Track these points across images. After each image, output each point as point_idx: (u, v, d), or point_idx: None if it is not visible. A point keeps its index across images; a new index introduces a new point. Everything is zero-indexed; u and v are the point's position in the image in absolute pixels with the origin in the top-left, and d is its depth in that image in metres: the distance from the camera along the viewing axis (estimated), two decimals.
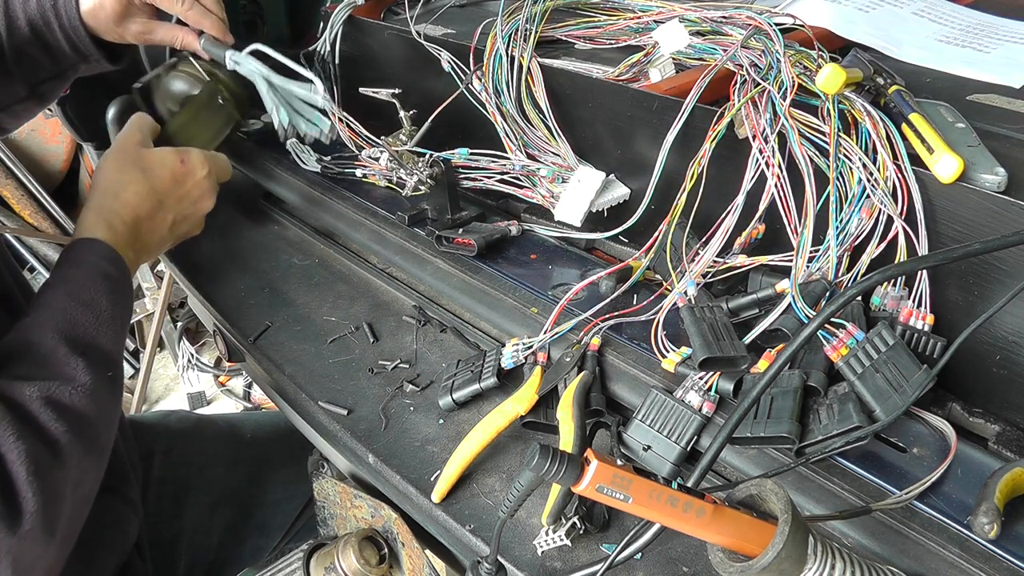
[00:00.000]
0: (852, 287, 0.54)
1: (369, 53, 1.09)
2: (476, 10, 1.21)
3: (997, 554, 0.53)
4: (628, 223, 0.80)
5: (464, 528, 0.64)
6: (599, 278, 0.78)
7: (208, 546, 1.06)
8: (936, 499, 0.56)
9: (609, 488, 0.44)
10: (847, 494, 0.58)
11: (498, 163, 0.89)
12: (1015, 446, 0.60)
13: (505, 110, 0.88)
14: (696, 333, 0.65)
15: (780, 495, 0.45)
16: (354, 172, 1.01)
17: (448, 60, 0.93)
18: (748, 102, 0.73)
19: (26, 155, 2.44)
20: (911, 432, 0.61)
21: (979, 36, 1.03)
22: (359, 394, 0.78)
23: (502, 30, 0.89)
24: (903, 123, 0.71)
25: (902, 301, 0.66)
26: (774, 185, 0.70)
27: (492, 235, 0.86)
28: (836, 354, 0.61)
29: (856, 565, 0.47)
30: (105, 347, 0.73)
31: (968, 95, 0.89)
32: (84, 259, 0.77)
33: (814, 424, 0.60)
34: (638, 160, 0.84)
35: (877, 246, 0.68)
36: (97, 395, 0.69)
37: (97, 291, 0.74)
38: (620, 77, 0.91)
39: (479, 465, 0.69)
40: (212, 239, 1.03)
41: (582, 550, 0.62)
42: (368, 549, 0.77)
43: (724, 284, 0.75)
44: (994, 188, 0.65)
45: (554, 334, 0.73)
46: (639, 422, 0.65)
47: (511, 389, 0.71)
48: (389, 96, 0.93)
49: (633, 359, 0.71)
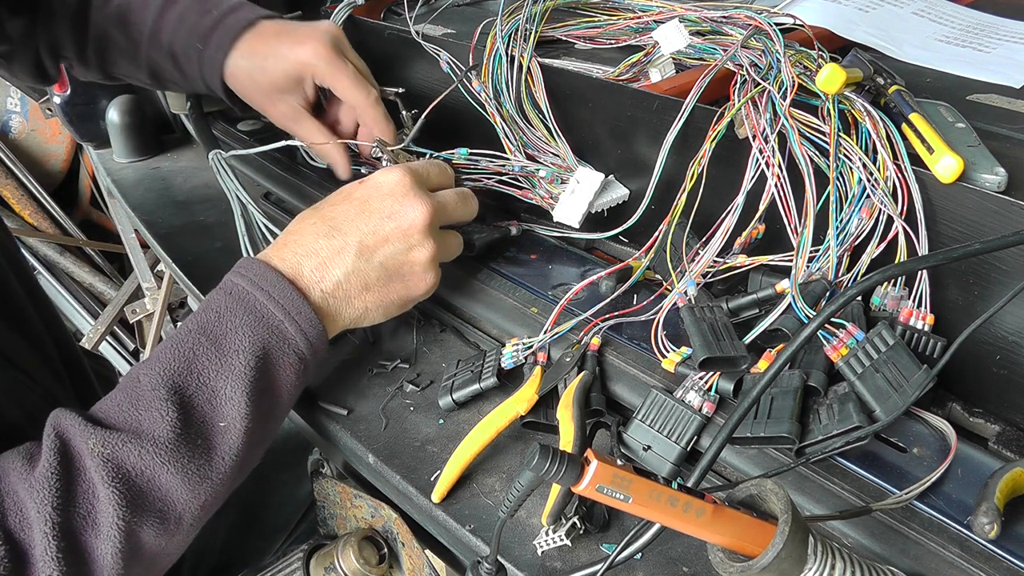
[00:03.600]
0: (852, 287, 0.54)
1: (369, 53, 1.08)
2: (476, 10, 1.21)
3: (997, 554, 0.53)
4: (628, 223, 0.80)
5: (464, 528, 0.64)
6: (599, 278, 0.78)
7: (212, 547, 1.06)
8: (936, 499, 0.56)
9: (609, 488, 0.44)
10: (847, 494, 0.58)
11: (496, 163, 0.89)
12: (1015, 446, 0.60)
13: (504, 110, 0.88)
14: (696, 333, 0.65)
15: (780, 495, 0.45)
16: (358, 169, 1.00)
17: (447, 60, 0.93)
18: (748, 102, 0.73)
19: (26, 155, 2.44)
20: (911, 432, 0.61)
21: (979, 36, 1.03)
22: (359, 394, 0.78)
23: (502, 30, 0.89)
24: (903, 123, 0.71)
25: (902, 301, 0.67)
26: (774, 185, 0.70)
27: (492, 236, 0.86)
28: (836, 354, 0.61)
29: (856, 565, 0.47)
30: (219, 403, 0.60)
31: (968, 95, 0.89)
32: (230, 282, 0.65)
33: (814, 424, 0.60)
34: (638, 160, 0.84)
35: (877, 246, 0.68)
36: (177, 459, 0.57)
37: (234, 322, 0.62)
38: (620, 77, 0.91)
39: (479, 465, 0.69)
40: (212, 239, 1.03)
41: (582, 550, 0.62)
42: (368, 549, 0.77)
43: (724, 284, 0.75)
44: (994, 188, 0.65)
45: (554, 334, 0.73)
46: (639, 422, 0.65)
47: (511, 389, 0.71)
48: (393, 95, 0.93)
49: (633, 359, 0.71)
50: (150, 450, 0.56)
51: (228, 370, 0.61)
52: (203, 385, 0.60)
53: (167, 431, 0.57)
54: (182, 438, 0.58)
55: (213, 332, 0.62)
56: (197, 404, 0.60)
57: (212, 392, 0.60)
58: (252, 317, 0.63)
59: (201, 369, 0.60)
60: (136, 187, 1.18)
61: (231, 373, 0.60)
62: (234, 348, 0.61)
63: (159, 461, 0.57)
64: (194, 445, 0.58)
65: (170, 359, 0.60)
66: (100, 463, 0.55)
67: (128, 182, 1.19)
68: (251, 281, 0.64)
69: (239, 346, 0.61)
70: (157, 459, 0.57)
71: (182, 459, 0.58)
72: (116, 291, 2.41)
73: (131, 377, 0.61)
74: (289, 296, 0.64)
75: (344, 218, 0.68)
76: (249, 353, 0.61)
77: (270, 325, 0.63)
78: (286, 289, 0.64)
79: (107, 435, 0.56)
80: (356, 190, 0.70)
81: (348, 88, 0.86)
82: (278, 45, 0.86)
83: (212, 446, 0.60)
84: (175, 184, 1.17)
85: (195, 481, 0.58)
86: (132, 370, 0.62)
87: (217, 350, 0.61)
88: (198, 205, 1.11)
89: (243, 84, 0.87)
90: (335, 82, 0.85)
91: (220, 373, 0.60)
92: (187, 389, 0.59)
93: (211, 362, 0.61)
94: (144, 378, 0.59)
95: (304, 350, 0.65)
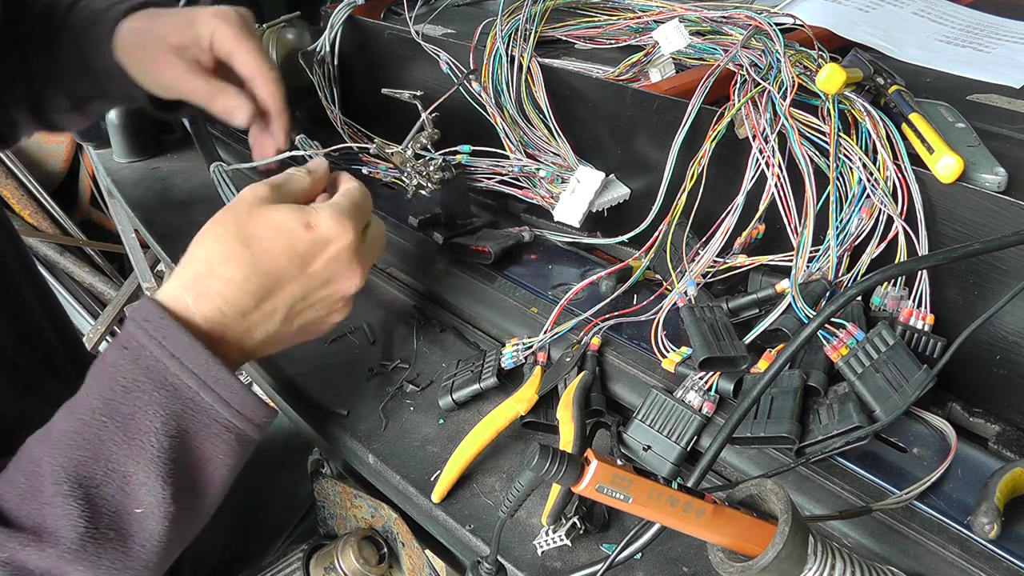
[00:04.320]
0: (852, 287, 0.54)
1: (369, 53, 1.09)
2: (476, 10, 1.21)
3: (997, 554, 0.53)
4: (638, 229, 0.79)
5: (464, 528, 0.64)
6: (599, 278, 0.78)
7: (212, 548, 1.06)
8: (936, 499, 0.57)
9: (609, 488, 0.44)
10: (847, 494, 0.58)
11: (497, 163, 0.89)
12: (1015, 446, 0.60)
13: (505, 110, 0.88)
14: (696, 333, 0.65)
15: (780, 495, 0.45)
16: (360, 169, 1.00)
17: (447, 61, 0.93)
18: (748, 102, 0.73)
19: (26, 155, 2.43)
20: (911, 432, 0.61)
21: (979, 36, 1.03)
22: (359, 394, 0.78)
23: (502, 30, 0.89)
24: (903, 123, 0.71)
25: (902, 301, 0.67)
26: (774, 185, 0.70)
27: (506, 242, 0.86)
28: (836, 354, 0.61)
29: (856, 565, 0.47)
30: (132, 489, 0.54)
31: (968, 95, 0.89)
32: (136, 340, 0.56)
33: (814, 424, 0.60)
34: (638, 160, 0.84)
35: (877, 246, 0.68)
36: (84, 558, 0.52)
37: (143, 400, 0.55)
38: (620, 77, 0.91)
39: (479, 465, 0.69)
40: None
41: (582, 550, 0.62)
42: (368, 549, 0.77)
43: (724, 284, 0.75)
44: (994, 188, 0.65)
45: (554, 334, 0.73)
46: (639, 422, 0.65)
47: (511, 389, 0.71)
48: (410, 98, 0.92)
49: (633, 359, 0.71)
50: (52, 553, 0.52)
51: (139, 453, 0.54)
52: (112, 472, 0.54)
53: (70, 530, 0.52)
54: (88, 535, 0.53)
55: (119, 412, 0.55)
56: (106, 494, 0.54)
57: (123, 478, 0.54)
58: (163, 393, 0.56)
59: (109, 456, 0.54)
60: (136, 187, 1.18)
61: (143, 456, 0.54)
62: (144, 429, 0.55)
63: (64, 561, 0.52)
64: (104, 539, 0.53)
65: (73, 446, 0.54)
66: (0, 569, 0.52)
67: (128, 182, 1.19)
68: (159, 345, 0.56)
69: (149, 427, 0.55)
70: (62, 560, 0.52)
71: (91, 556, 0.53)
72: (116, 291, 2.41)
73: (34, 459, 0.55)
74: (205, 364, 0.56)
75: (282, 277, 0.60)
76: (162, 434, 0.55)
77: (184, 398, 0.56)
78: (201, 355, 0.56)
79: (6, 537, 0.52)
80: (300, 240, 0.60)
81: (248, 56, 0.77)
82: (176, 11, 0.80)
83: (127, 536, 0.55)
84: (175, 184, 1.17)
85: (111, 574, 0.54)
86: (34, 445, 0.56)
87: (125, 433, 0.55)
88: (198, 205, 1.11)
89: (133, 47, 0.78)
90: (235, 47, 0.77)
91: (130, 457, 0.54)
92: (93, 479, 0.54)
93: (119, 447, 0.54)
94: (46, 466, 0.54)
95: (230, 419, 0.58)
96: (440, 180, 0.88)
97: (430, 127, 0.89)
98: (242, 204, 0.61)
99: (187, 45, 0.77)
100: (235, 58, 0.78)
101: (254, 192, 0.62)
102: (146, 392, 0.55)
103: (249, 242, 0.59)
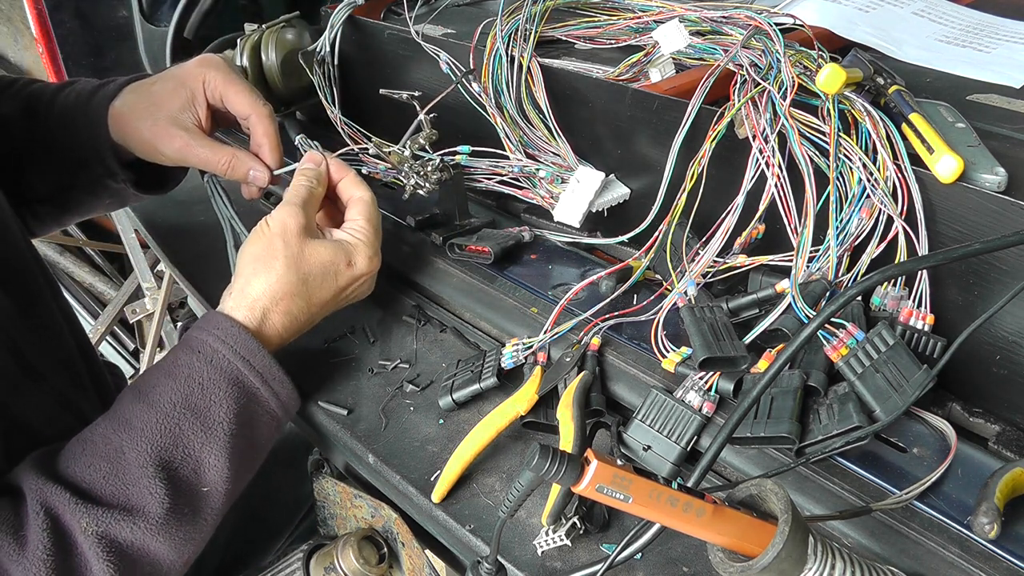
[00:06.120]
0: (852, 287, 0.54)
1: (369, 53, 1.09)
2: (476, 10, 1.21)
3: (997, 554, 0.53)
4: (638, 229, 0.79)
5: (464, 528, 0.64)
6: (599, 278, 0.78)
7: (213, 548, 1.06)
8: (936, 499, 0.57)
9: (609, 488, 0.44)
10: (847, 494, 0.58)
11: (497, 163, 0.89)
12: (1015, 446, 0.60)
13: (505, 110, 0.88)
14: (696, 333, 0.65)
15: (780, 495, 0.45)
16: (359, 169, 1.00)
17: (447, 61, 0.93)
18: (748, 102, 0.73)
19: None
20: (911, 432, 0.61)
21: (979, 36, 1.03)
22: (359, 394, 0.78)
23: (502, 30, 0.89)
24: (903, 123, 0.71)
25: (902, 301, 0.67)
26: (774, 185, 0.70)
27: (507, 242, 0.86)
28: (836, 354, 0.61)
29: (856, 565, 0.47)
30: (204, 471, 0.65)
31: (968, 95, 0.89)
32: (209, 346, 0.68)
33: (814, 424, 0.60)
34: (638, 160, 0.84)
35: (877, 246, 0.68)
36: (167, 530, 0.62)
37: (218, 395, 0.66)
38: (620, 77, 0.91)
39: (479, 465, 0.69)
40: (212, 239, 1.03)
41: (582, 550, 0.62)
42: (368, 549, 0.77)
43: (724, 284, 0.75)
44: (994, 188, 0.65)
45: (554, 334, 0.73)
46: (639, 422, 0.65)
47: (511, 389, 0.71)
48: (408, 98, 0.92)
49: (633, 359, 0.71)
50: (141, 526, 0.61)
51: (213, 440, 0.65)
52: (188, 457, 0.64)
53: (157, 507, 0.61)
54: (171, 511, 0.62)
55: (197, 406, 0.65)
56: (183, 475, 0.64)
57: (197, 463, 0.65)
58: (235, 389, 0.67)
59: (187, 443, 0.64)
60: None
61: (216, 443, 0.65)
62: (218, 420, 0.66)
63: (151, 534, 0.61)
64: (182, 515, 0.63)
65: (156, 434, 0.64)
66: (94, 541, 0.59)
67: None
68: (233, 350, 0.68)
69: (223, 417, 0.66)
70: (148, 533, 0.61)
71: (171, 529, 0.62)
72: (116, 291, 2.41)
73: (114, 447, 0.63)
74: (268, 366, 0.69)
75: (325, 305, 0.75)
76: (232, 423, 0.66)
77: (249, 392, 0.68)
78: (266, 360, 0.69)
79: (99, 513, 0.60)
80: (342, 275, 0.74)
81: (241, 96, 0.83)
82: (164, 74, 0.85)
83: (197, 511, 0.65)
84: None
85: (182, 544, 0.64)
86: (111, 435, 0.64)
87: (202, 424, 0.65)
88: (198, 205, 1.11)
89: (129, 120, 0.82)
90: (227, 89, 0.82)
91: (205, 445, 0.65)
92: (173, 463, 0.64)
93: (196, 436, 0.65)
94: (130, 452, 0.63)
95: (277, 410, 0.71)
96: (438, 180, 0.88)
97: (428, 127, 0.89)
98: (291, 236, 0.72)
99: (184, 108, 0.82)
100: (228, 100, 0.84)
101: (296, 220, 0.73)
102: (221, 388, 0.66)
103: (307, 280, 0.72)
